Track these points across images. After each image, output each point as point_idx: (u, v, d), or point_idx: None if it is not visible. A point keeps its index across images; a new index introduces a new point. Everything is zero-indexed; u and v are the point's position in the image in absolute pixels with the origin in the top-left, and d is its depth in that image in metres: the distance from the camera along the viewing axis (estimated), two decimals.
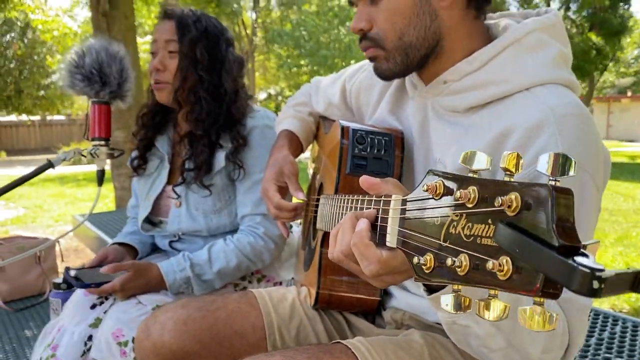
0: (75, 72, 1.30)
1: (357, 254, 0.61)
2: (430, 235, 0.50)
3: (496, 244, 0.41)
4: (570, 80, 0.89)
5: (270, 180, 1.13)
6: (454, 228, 0.47)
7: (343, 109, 1.27)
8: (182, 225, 1.48)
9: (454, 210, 0.47)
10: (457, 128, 0.92)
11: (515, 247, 0.39)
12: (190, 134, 1.45)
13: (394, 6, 0.90)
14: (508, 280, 0.40)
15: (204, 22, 1.46)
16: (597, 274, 0.34)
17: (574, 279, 0.34)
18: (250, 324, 1.05)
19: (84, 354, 1.28)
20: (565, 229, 0.38)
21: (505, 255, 0.40)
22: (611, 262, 4.72)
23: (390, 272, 0.60)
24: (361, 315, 1.12)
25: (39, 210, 7.38)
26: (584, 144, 0.80)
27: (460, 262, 0.44)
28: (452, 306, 0.47)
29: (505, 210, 0.41)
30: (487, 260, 0.41)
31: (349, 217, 0.65)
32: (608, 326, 1.72)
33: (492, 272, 0.41)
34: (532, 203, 0.40)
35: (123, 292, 1.30)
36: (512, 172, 0.44)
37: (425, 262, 0.49)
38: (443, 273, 0.47)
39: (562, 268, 0.35)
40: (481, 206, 0.44)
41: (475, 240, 0.44)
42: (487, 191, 0.43)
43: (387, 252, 0.59)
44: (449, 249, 0.47)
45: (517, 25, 0.91)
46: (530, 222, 0.39)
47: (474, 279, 0.43)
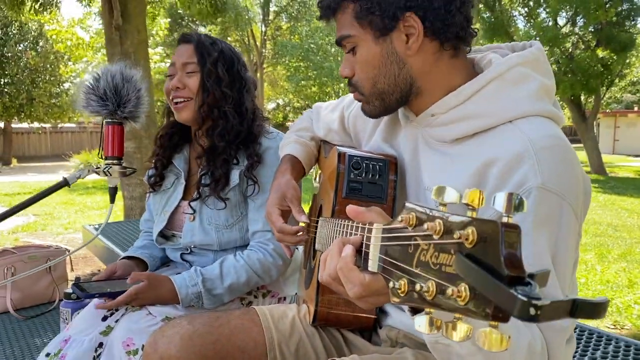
0: (91, 93, 1.38)
1: (342, 277, 0.67)
2: (404, 262, 0.56)
3: (455, 272, 0.47)
4: (551, 111, 0.95)
5: (274, 204, 1.20)
6: (424, 256, 0.53)
7: (342, 135, 1.34)
8: (195, 239, 1.55)
9: (423, 240, 0.53)
10: (445, 157, 0.98)
11: (471, 276, 0.45)
12: (212, 148, 1.53)
13: (365, 58, 0.99)
14: (466, 306, 0.46)
15: (220, 45, 1.56)
16: (533, 302, 0.40)
17: (515, 306, 0.40)
18: (252, 339, 1.11)
19: None
20: (513, 260, 0.44)
21: (464, 282, 0.46)
22: (614, 277, 4.72)
23: (373, 294, 0.66)
24: (358, 333, 1.17)
25: (49, 218, 7.48)
26: (563, 174, 0.86)
27: (428, 288, 0.50)
28: (426, 326, 0.53)
29: (464, 243, 0.47)
30: (448, 287, 0.47)
31: (337, 242, 0.71)
32: (601, 346, 1.76)
33: (452, 297, 0.47)
34: (486, 237, 0.46)
35: (136, 301, 1.36)
36: (474, 207, 0.50)
37: (400, 287, 0.55)
38: (414, 297, 0.53)
39: (506, 296, 0.41)
40: (445, 238, 0.50)
41: (441, 268, 0.50)
42: (450, 224, 0.49)
43: (369, 276, 0.65)
44: (419, 275, 0.52)
45: (500, 60, 0.97)
46: (485, 253, 0.45)
47: (439, 303, 0.49)
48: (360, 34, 0.98)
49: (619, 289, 4.39)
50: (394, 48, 0.97)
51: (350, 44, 1.00)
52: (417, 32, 0.94)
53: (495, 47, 1.07)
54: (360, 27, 0.97)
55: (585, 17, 12.99)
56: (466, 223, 0.47)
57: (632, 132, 24.59)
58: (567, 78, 12.79)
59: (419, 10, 0.93)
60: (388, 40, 0.96)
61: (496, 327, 0.45)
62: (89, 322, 1.40)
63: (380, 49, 0.97)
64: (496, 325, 0.45)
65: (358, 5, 0.96)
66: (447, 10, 0.93)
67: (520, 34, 14.82)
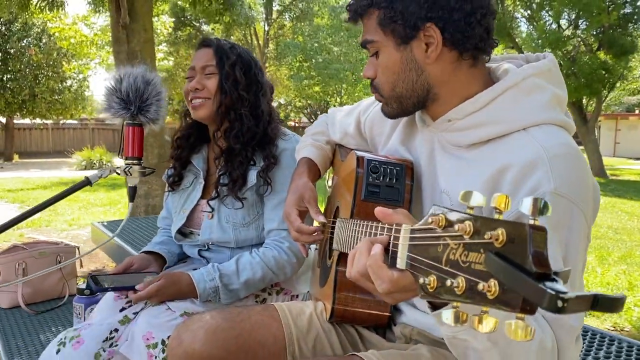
0: (113, 95, 1.42)
1: (372, 274, 0.71)
2: (433, 260, 0.60)
3: (486, 269, 0.52)
4: (563, 120, 0.99)
5: (292, 205, 1.25)
6: (453, 254, 0.57)
7: (358, 139, 1.38)
8: (213, 236, 1.60)
9: (453, 240, 0.57)
10: (461, 161, 1.02)
11: (501, 273, 0.49)
12: (229, 149, 1.57)
13: (386, 63, 1.04)
14: (495, 299, 0.50)
15: (238, 50, 1.62)
16: (560, 295, 0.44)
17: (544, 299, 0.45)
18: (272, 335, 1.15)
19: (107, 340, 1.38)
20: (540, 259, 0.48)
21: (493, 279, 0.51)
22: (614, 280, 4.76)
23: (400, 290, 0.70)
24: (372, 330, 1.22)
25: (53, 214, 7.52)
26: (574, 180, 0.90)
27: (457, 283, 0.55)
28: (452, 320, 0.57)
29: (493, 243, 0.51)
30: (479, 282, 0.52)
31: (365, 242, 0.76)
32: (604, 346, 1.81)
33: (482, 292, 0.51)
34: (515, 238, 0.50)
35: (157, 297, 1.41)
36: (501, 210, 0.54)
37: (429, 283, 0.59)
38: (444, 292, 0.58)
39: (535, 290, 0.46)
40: (475, 238, 0.54)
41: (470, 265, 0.54)
42: (479, 226, 0.54)
43: (397, 273, 0.69)
44: (449, 272, 0.57)
45: (516, 70, 1.01)
46: (513, 252, 0.50)
47: (469, 297, 0.54)
48: (383, 40, 1.03)
49: (619, 291, 4.44)
50: (413, 56, 1.01)
51: (374, 48, 1.05)
52: (436, 42, 0.99)
53: (510, 58, 1.12)
54: (383, 33, 1.02)
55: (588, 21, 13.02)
56: (495, 225, 0.52)
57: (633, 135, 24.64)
58: (570, 81, 12.83)
59: (439, 22, 0.97)
60: (408, 48, 1.01)
61: (522, 319, 0.50)
62: (107, 313, 1.45)
63: (400, 55, 1.02)
64: (522, 317, 0.50)
65: (382, 13, 1.00)
66: (467, 22, 0.98)
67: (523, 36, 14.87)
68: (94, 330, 1.38)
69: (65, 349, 1.35)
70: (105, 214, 7.59)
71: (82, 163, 15.71)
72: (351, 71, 18.07)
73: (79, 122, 23.64)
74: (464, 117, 1.01)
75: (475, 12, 0.98)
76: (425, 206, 1.11)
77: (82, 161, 15.78)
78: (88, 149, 16.59)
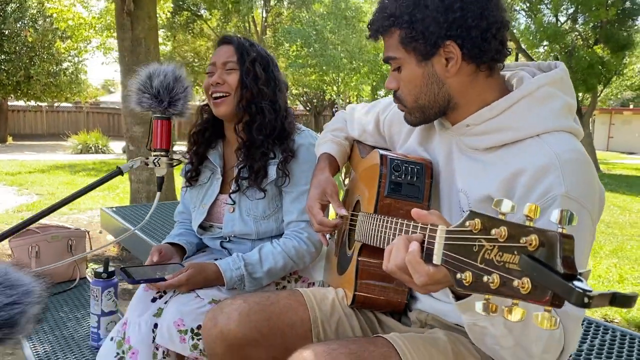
0: (144, 92, 1.49)
1: (411, 269, 0.80)
2: (469, 258, 0.69)
3: (520, 269, 0.61)
4: (573, 127, 1.07)
5: (315, 199, 1.34)
6: (488, 254, 0.66)
7: (376, 136, 1.46)
8: (235, 229, 1.67)
9: (488, 242, 0.66)
10: (477, 164, 1.11)
11: (534, 272, 0.58)
12: (250, 142, 1.64)
13: (409, 78, 1.12)
14: (528, 294, 0.59)
15: (257, 47, 1.69)
16: (587, 293, 0.53)
17: (572, 296, 0.54)
18: (299, 318, 1.24)
19: (153, 341, 1.47)
20: (568, 262, 0.57)
21: (526, 277, 0.60)
22: (605, 273, 4.89)
23: (435, 283, 0.79)
24: (389, 315, 1.31)
25: (53, 198, 7.56)
26: (583, 184, 0.98)
27: (493, 280, 0.64)
28: (482, 309, 0.66)
29: (527, 246, 0.60)
30: (514, 280, 0.61)
31: (402, 239, 0.84)
32: (599, 334, 1.91)
33: (517, 288, 0.60)
34: (546, 243, 0.59)
35: (186, 286, 1.49)
36: (532, 218, 0.63)
37: (465, 278, 0.68)
38: (479, 286, 0.66)
39: (565, 288, 0.55)
40: (509, 242, 0.63)
41: (505, 264, 0.63)
42: (514, 231, 0.63)
43: (433, 267, 0.78)
44: (484, 269, 0.66)
45: (531, 80, 1.09)
46: (545, 255, 0.58)
47: (502, 292, 0.63)
48: (405, 57, 1.11)
49: (610, 284, 4.57)
50: (434, 70, 1.09)
51: (396, 64, 1.13)
52: (455, 57, 1.07)
53: (523, 65, 1.20)
54: (405, 51, 1.10)
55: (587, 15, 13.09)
56: (529, 232, 0.60)
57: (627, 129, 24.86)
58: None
59: (458, 39, 1.05)
60: (430, 63, 1.09)
61: (549, 311, 0.59)
62: (141, 304, 1.53)
63: (422, 70, 1.10)
64: (550, 309, 0.59)
65: (404, 33, 1.08)
66: (484, 38, 1.05)
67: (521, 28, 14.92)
68: (142, 336, 1.46)
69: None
70: (105, 199, 7.63)
71: (78, 147, 15.69)
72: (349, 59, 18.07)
73: (74, 105, 23.52)
74: (482, 123, 1.10)
75: (491, 28, 1.06)
76: (442, 203, 1.19)
77: (78, 145, 15.75)
78: (84, 133, 16.55)
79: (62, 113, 23.99)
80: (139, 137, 5.30)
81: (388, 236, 1.00)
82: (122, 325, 1.52)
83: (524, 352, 0.92)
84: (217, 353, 1.22)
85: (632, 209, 8.65)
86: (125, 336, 1.48)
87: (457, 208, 1.14)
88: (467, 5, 1.04)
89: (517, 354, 0.92)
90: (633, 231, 6.80)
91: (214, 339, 1.22)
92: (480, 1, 1.05)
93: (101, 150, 15.76)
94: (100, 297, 2.18)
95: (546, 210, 0.95)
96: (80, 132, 17.04)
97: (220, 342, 1.20)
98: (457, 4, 1.04)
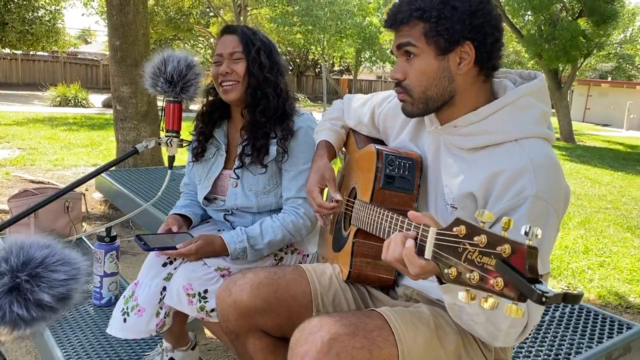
0: (159, 76, 1.60)
1: (407, 261, 0.96)
2: (454, 257, 0.85)
3: (495, 270, 0.77)
4: (547, 134, 1.23)
5: (315, 184, 1.50)
6: (470, 255, 0.82)
7: (371, 128, 1.61)
8: (238, 202, 1.83)
9: (471, 246, 0.82)
10: (462, 162, 1.26)
11: (506, 274, 0.75)
12: (254, 122, 1.78)
13: (423, 68, 1.22)
14: (501, 291, 0.76)
15: (259, 35, 1.81)
16: (545, 294, 0.70)
17: (534, 296, 0.70)
18: (302, 290, 1.41)
19: (160, 301, 1.65)
20: (532, 268, 0.73)
21: (500, 277, 0.76)
22: (572, 244, 5.17)
23: (426, 273, 0.96)
24: (379, 289, 1.49)
25: (36, 153, 7.56)
26: (552, 186, 1.14)
27: (473, 277, 0.80)
28: (464, 298, 0.83)
29: (502, 253, 0.76)
30: (490, 278, 0.77)
31: (400, 235, 1.00)
32: (560, 307, 2.14)
33: (492, 285, 0.77)
34: (517, 251, 0.75)
35: (195, 255, 1.64)
36: (506, 228, 0.79)
37: (451, 273, 0.85)
38: (461, 280, 0.83)
39: (528, 289, 0.71)
40: (488, 248, 0.79)
41: (483, 265, 0.80)
42: (492, 240, 0.79)
43: (425, 261, 0.94)
44: (467, 267, 0.82)
45: (513, 90, 1.23)
46: (515, 262, 0.75)
47: (481, 287, 0.79)
48: (425, 48, 1.21)
49: (575, 255, 4.86)
50: (448, 66, 1.21)
51: (414, 51, 1.22)
52: (470, 58, 1.19)
53: (506, 72, 1.34)
54: (425, 42, 1.20)
55: None
56: (504, 241, 0.77)
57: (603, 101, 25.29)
58: (549, 47, 13.07)
59: (475, 42, 1.18)
60: (446, 59, 1.20)
61: (517, 303, 0.76)
62: (152, 268, 1.69)
63: (438, 64, 1.21)
64: (516, 302, 0.76)
65: (429, 25, 1.18)
66: (494, 46, 1.20)
67: None
68: (149, 296, 1.64)
69: (130, 318, 1.62)
70: (89, 155, 7.65)
71: (56, 99, 15.43)
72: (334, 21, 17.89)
73: (50, 54, 22.89)
74: (467, 125, 1.24)
75: (500, 39, 1.21)
76: (429, 195, 1.35)
77: (56, 97, 15.49)
78: (63, 85, 16.24)
79: (38, 62, 23.36)
80: (127, 98, 5.34)
81: (384, 228, 1.16)
82: (133, 284, 1.68)
83: (494, 327, 1.10)
84: (230, 320, 1.39)
85: (602, 181, 8.99)
86: (134, 295, 1.65)
87: (442, 201, 1.29)
88: (487, 15, 1.18)
89: (488, 329, 1.10)
90: (601, 204, 7.11)
91: (227, 308, 1.38)
92: (495, 15, 1.20)
93: (81, 104, 15.53)
94: (103, 260, 2.33)
95: (520, 206, 1.11)
96: (58, 83, 16.71)
97: (233, 310, 1.37)
98: (481, 12, 1.17)
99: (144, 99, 5.52)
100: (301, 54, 24.81)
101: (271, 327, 1.40)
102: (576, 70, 15.82)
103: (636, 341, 1.80)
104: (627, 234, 5.70)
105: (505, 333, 1.09)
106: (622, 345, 1.74)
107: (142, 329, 1.63)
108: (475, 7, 1.16)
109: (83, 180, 1.58)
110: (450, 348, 1.23)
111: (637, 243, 5.36)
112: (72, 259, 0.97)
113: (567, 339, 1.81)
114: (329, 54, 20.97)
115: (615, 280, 4.25)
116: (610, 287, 4.09)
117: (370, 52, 23.74)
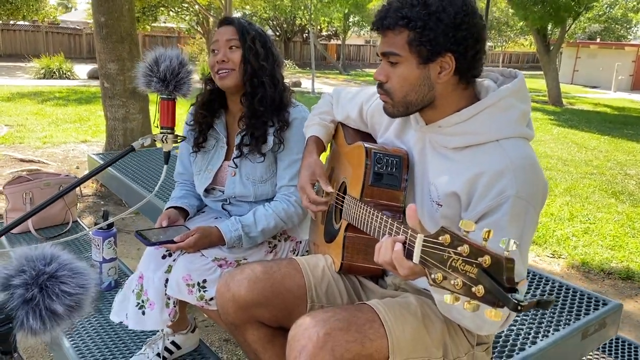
0: (151, 75, 1.63)
1: (397, 264, 1.03)
2: (440, 263, 0.92)
3: (477, 278, 0.84)
4: (526, 133, 1.29)
5: (307, 180, 1.57)
6: (454, 263, 0.89)
7: (359, 122, 1.67)
8: (236, 191, 1.89)
9: (455, 254, 0.89)
10: (447, 160, 1.32)
11: (486, 283, 0.82)
12: (252, 112, 1.83)
13: (405, 75, 1.28)
14: (481, 298, 0.83)
15: (254, 26, 1.87)
16: (520, 303, 0.77)
17: (510, 304, 0.78)
18: (296, 283, 1.49)
19: (166, 293, 1.72)
20: (509, 279, 0.81)
21: (481, 285, 0.84)
22: (558, 211, 5.28)
23: (414, 274, 1.03)
24: (369, 278, 1.57)
25: (24, 130, 7.51)
26: (531, 185, 1.21)
27: (457, 283, 0.87)
28: (450, 299, 0.90)
29: (482, 263, 0.83)
30: (472, 286, 0.85)
31: (390, 240, 1.06)
32: (541, 285, 2.24)
33: (474, 291, 0.84)
34: (496, 263, 0.82)
35: (194, 248, 1.72)
36: (486, 239, 0.86)
37: (437, 278, 0.92)
38: (447, 285, 0.90)
39: (505, 298, 0.79)
40: (470, 257, 0.86)
41: (466, 273, 0.87)
42: (474, 250, 0.86)
43: (413, 264, 1.01)
44: (451, 274, 0.89)
45: (495, 91, 1.29)
46: (494, 272, 0.82)
47: (464, 292, 0.87)
48: (407, 56, 1.25)
49: (561, 222, 4.98)
50: (429, 74, 1.26)
51: (395, 59, 1.27)
52: (450, 68, 1.24)
53: (488, 71, 1.39)
54: (408, 51, 1.24)
55: None
56: (484, 253, 0.84)
57: (592, 63, 25.26)
58: (537, 9, 12.99)
59: (456, 54, 1.23)
60: (427, 68, 1.25)
61: (496, 308, 0.83)
62: (153, 261, 1.76)
63: (419, 72, 1.26)
64: (496, 307, 0.83)
65: (413, 34, 1.22)
66: (475, 58, 1.25)
67: None
68: (156, 290, 1.71)
69: (147, 310, 1.71)
70: (77, 132, 7.61)
71: (40, 71, 15.17)
72: None
73: (31, 24, 22.37)
74: (451, 126, 1.30)
75: (480, 51, 1.25)
76: (416, 192, 1.41)
77: (40, 69, 15.22)
78: (46, 56, 15.94)
79: (18, 32, 22.82)
80: (114, 74, 5.31)
81: (374, 227, 1.23)
82: (138, 278, 1.75)
83: (480, 319, 1.18)
84: (230, 313, 1.47)
85: (588, 146, 9.09)
86: (143, 289, 1.73)
87: (427, 198, 1.35)
88: (471, 28, 1.22)
89: (475, 321, 1.19)
90: (587, 169, 7.23)
91: (226, 302, 1.46)
92: (478, 26, 1.24)
93: (65, 76, 15.29)
94: (102, 246, 2.40)
95: (501, 205, 1.18)
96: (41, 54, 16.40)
97: (232, 304, 1.45)
98: (465, 25, 1.21)
99: (131, 75, 5.48)
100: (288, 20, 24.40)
101: (268, 319, 1.48)
102: (565, 32, 15.76)
103: (611, 316, 1.91)
104: (612, 199, 5.83)
105: (490, 324, 1.18)
106: (598, 321, 1.84)
107: (158, 320, 1.72)
108: (460, 20, 1.20)
109: (83, 180, 1.62)
110: (436, 335, 1.32)
111: (621, 209, 5.50)
112: (81, 269, 1.04)
113: (547, 316, 1.91)
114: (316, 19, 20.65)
115: (599, 247, 4.39)
116: (594, 253, 4.23)
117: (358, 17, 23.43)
